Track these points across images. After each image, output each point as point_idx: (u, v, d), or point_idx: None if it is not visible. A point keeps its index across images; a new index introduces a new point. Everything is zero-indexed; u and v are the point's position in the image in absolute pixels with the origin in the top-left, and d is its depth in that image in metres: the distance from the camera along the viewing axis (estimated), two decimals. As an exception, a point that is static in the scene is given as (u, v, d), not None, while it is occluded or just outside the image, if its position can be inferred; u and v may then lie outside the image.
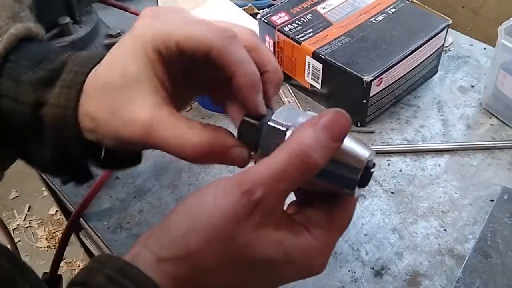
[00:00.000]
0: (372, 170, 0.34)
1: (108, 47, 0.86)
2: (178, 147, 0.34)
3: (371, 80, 0.68)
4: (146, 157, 0.71)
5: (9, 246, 0.75)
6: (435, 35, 0.74)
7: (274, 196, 0.30)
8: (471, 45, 0.86)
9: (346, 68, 0.69)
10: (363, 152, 0.33)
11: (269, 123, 0.35)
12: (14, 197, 1.95)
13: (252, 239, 0.30)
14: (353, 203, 0.36)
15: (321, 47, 0.72)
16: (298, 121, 0.34)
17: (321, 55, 0.71)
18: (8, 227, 1.84)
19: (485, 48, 0.85)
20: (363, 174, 0.33)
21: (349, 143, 0.33)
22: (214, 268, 0.30)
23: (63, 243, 0.68)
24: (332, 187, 0.34)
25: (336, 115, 0.31)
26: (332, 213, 0.34)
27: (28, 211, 1.91)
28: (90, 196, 0.66)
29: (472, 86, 0.79)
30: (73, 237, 0.74)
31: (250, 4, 0.91)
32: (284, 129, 0.34)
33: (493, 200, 0.63)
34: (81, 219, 0.66)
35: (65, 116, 0.38)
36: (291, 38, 0.74)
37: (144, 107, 0.34)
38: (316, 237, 0.33)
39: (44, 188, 1.67)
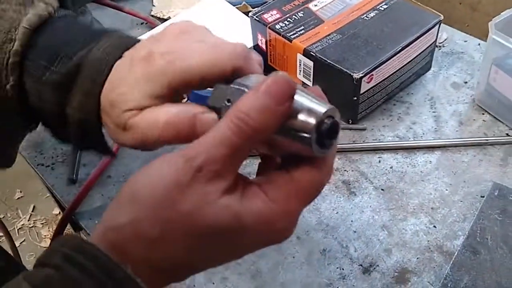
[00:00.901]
0: (334, 127, 0.32)
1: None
2: (150, 128, 0.35)
3: (361, 77, 0.67)
4: (137, 155, 0.71)
5: (9, 246, 0.76)
6: (426, 31, 0.73)
7: (217, 161, 0.30)
8: (466, 41, 0.86)
9: (337, 65, 0.69)
10: (319, 108, 0.31)
11: (232, 85, 0.35)
12: (18, 197, 1.97)
13: (197, 206, 0.29)
14: (321, 166, 0.33)
15: (312, 45, 0.72)
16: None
17: (311, 53, 0.71)
18: (13, 227, 1.86)
19: (479, 44, 0.85)
20: (321, 131, 0.31)
21: (304, 102, 0.32)
22: (159, 238, 0.30)
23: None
24: (293, 148, 0.33)
25: (275, 78, 0.30)
26: (295, 174, 0.32)
27: (32, 211, 1.93)
28: (81, 195, 0.66)
29: (466, 82, 0.79)
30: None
31: (244, 2, 0.91)
32: (244, 89, 0.34)
33: (483, 197, 0.63)
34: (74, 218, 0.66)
35: (88, 120, 0.40)
36: (283, 36, 0.74)
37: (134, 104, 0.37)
38: (274, 199, 0.31)
39: (47, 188, 1.68)
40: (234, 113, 0.30)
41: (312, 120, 0.31)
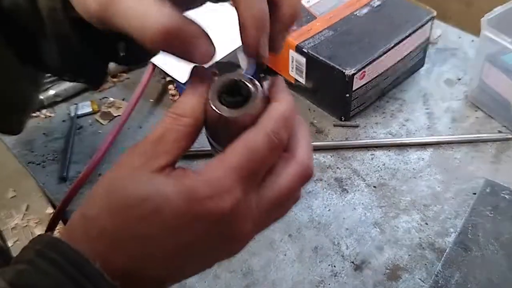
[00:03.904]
0: (230, 84, 0.32)
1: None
2: (137, 28, 0.30)
3: (353, 74, 0.67)
4: (129, 153, 0.71)
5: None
6: (419, 28, 0.73)
7: (147, 143, 0.31)
8: (459, 38, 0.86)
9: (329, 62, 0.69)
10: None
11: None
12: (12, 196, 1.96)
13: (124, 181, 0.30)
14: (252, 133, 0.31)
15: (304, 41, 0.72)
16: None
17: (304, 49, 0.71)
18: (6, 227, 1.84)
19: (473, 40, 0.84)
20: (219, 90, 0.32)
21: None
22: (96, 215, 0.30)
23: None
24: (217, 125, 0.32)
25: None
26: (225, 153, 0.31)
27: (26, 211, 1.92)
28: (72, 193, 0.65)
29: (459, 79, 0.79)
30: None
31: None
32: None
33: (475, 193, 0.63)
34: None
35: (56, 8, 0.36)
36: (275, 33, 0.74)
37: None
38: (198, 171, 0.30)
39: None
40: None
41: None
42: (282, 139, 0.31)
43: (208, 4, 0.41)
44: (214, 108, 0.31)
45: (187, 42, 0.30)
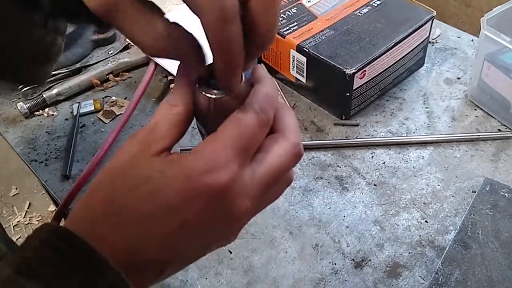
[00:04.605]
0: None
1: (96, 42, 0.87)
2: (136, 36, 0.31)
3: (354, 73, 0.68)
4: (131, 151, 0.71)
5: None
6: (419, 27, 0.73)
7: (143, 130, 0.33)
8: (459, 37, 0.86)
9: (329, 61, 0.69)
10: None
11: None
12: (14, 194, 1.96)
13: (125, 164, 0.32)
14: (241, 111, 0.32)
15: (305, 41, 0.72)
16: None
17: (304, 49, 0.71)
18: (9, 224, 1.85)
19: (472, 40, 0.85)
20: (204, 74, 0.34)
21: None
22: (98, 201, 0.32)
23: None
24: (203, 104, 0.34)
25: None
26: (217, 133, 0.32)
27: (28, 208, 1.92)
28: (74, 191, 0.66)
29: (459, 78, 0.79)
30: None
31: (238, -1, 0.91)
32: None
33: (475, 192, 0.63)
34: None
35: None
36: (276, 32, 0.74)
37: None
38: (194, 150, 0.32)
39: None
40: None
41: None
42: (269, 116, 0.33)
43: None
44: (203, 92, 0.33)
45: (184, 53, 0.32)
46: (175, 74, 0.36)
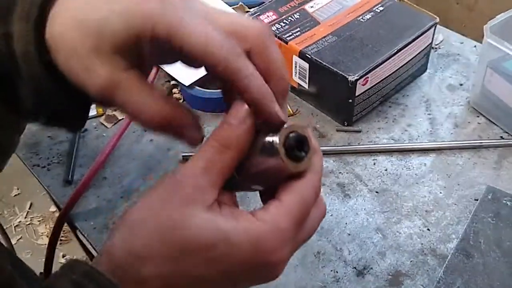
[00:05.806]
0: (299, 139, 0.33)
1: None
2: (135, 112, 0.32)
3: (356, 80, 0.68)
4: (133, 157, 0.71)
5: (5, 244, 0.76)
6: (422, 34, 0.73)
7: (193, 175, 0.31)
8: (462, 43, 0.86)
9: (332, 67, 0.69)
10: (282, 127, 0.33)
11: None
12: (15, 195, 1.97)
13: (179, 219, 0.30)
14: (306, 183, 0.33)
15: (307, 47, 0.72)
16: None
17: (307, 55, 0.71)
18: (10, 225, 1.86)
19: (475, 46, 0.85)
20: (288, 145, 0.32)
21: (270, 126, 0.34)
22: (148, 255, 0.30)
23: (52, 243, 0.69)
24: (272, 172, 0.33)
25: (235, 105, 0.33)
26: (282, 196, 0.32)
27: (29, 209, 1.93)
28: (76, 196, 0.66)
29: (461, 85, 0.79)
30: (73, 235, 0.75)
31: (240, 3, 0.91)
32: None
33: (477, 200, 0.63)
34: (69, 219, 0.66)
35: (28, 50, 0.34)
36: (278, 38, 0.74)
37: (105, 67, 0.31)
38: (263, 219, 0.31)
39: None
40: (215, 134, 0.32)
41: (276, 138, 0.32)
42: (320, 190, 0.35)
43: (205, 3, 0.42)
44: (283, 159, 0.32)
45: (180, 130, 0.33)
46: (180, 80, 0.36)
